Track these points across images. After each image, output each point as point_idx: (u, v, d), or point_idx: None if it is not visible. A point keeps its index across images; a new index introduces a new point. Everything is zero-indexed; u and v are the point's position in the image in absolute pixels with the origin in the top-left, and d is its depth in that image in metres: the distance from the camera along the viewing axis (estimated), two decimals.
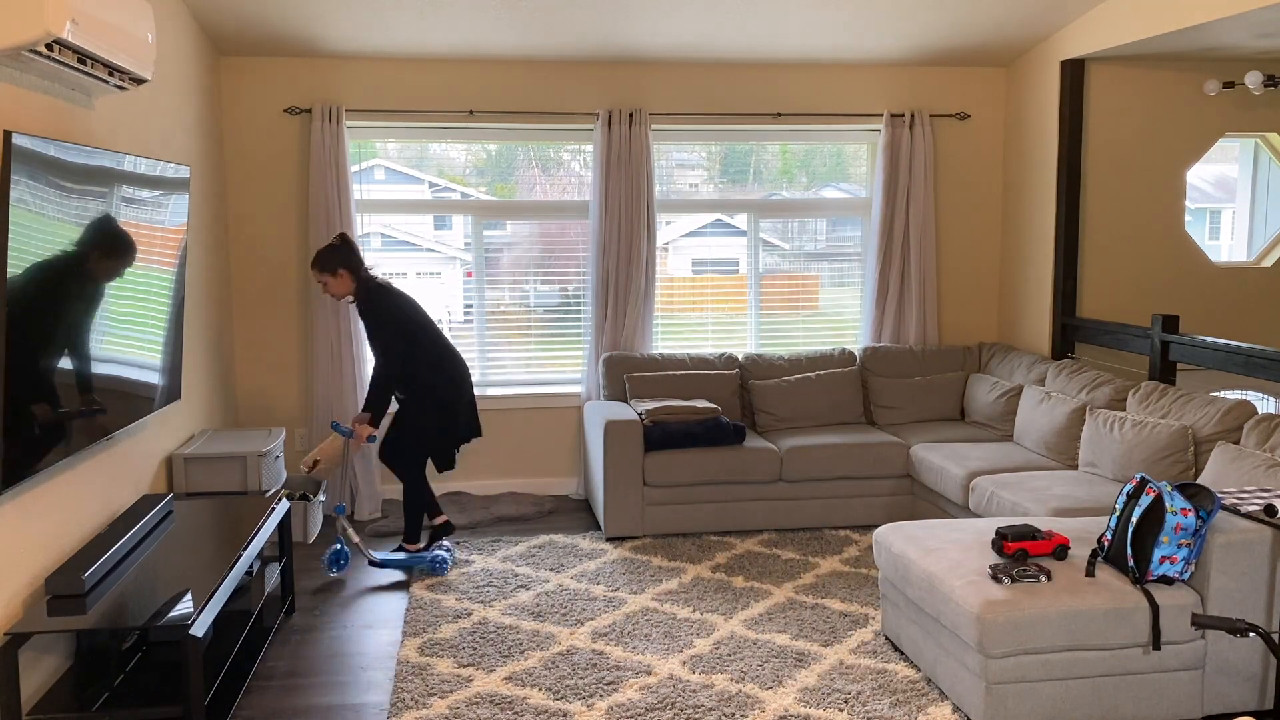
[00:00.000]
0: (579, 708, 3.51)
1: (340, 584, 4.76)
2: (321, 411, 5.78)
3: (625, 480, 5.27)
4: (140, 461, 4.26)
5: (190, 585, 3.32)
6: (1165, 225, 5.95)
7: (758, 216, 6.37)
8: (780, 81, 6.13)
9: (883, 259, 6.23)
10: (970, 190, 6.42)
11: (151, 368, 4.08)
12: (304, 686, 3.72)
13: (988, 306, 6.54)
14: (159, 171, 4.07)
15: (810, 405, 5.86)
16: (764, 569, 4.86)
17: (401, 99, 5.81)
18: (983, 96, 6.35)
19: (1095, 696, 3.28)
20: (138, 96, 4.30)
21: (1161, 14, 4.87)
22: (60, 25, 2.95)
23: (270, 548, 4.76)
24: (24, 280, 3.01)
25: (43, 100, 3.39)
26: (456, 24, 5.31)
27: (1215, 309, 6.04)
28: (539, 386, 6.23)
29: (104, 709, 3.12)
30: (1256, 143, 6.43)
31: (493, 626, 4.21)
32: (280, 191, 5.81)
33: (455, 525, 5.34)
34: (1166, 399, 4.64)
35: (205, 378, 5.24)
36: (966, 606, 3.24)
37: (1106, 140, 5.82)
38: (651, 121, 6.00)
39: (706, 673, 3.77)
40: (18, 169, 2.94)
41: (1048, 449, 5.13)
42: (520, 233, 6.20)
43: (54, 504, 3.45)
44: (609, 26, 5.42)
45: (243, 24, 5.23)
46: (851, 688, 3.63)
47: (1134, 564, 3.31)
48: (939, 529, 3.86)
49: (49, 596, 3.23)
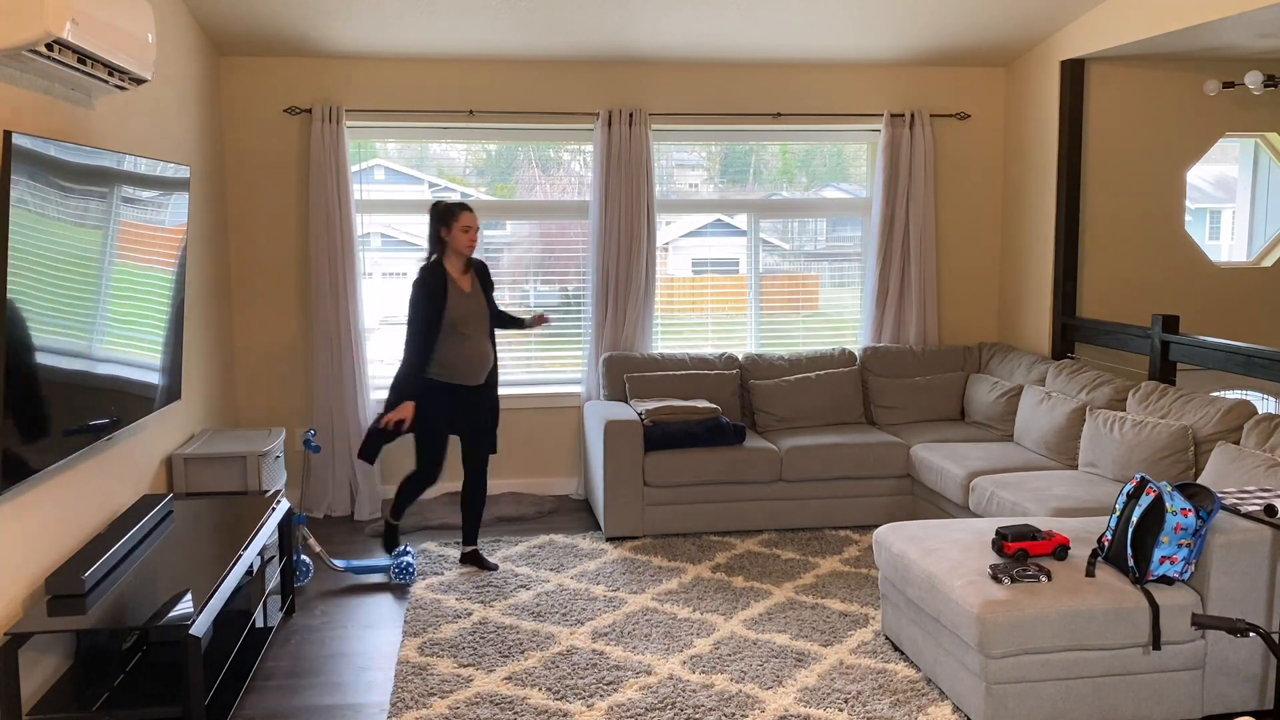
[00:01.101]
0: (579, 708, 3.51)
1: (340, 584, 4.76)
2: (322, 411, 5.78)
3: (625, 480, 5.27)
4: (140, 461, 4.26)
5: (190, 585, 3.32)
6: (1165, 225, 5.95)
7: (758, 216, 6.37)
8: (780, 81, 6.13)
9: (883, 259, 6.23)
10: (970, 190, 6.42)
11: (151, 368, 4.08)
12: (304, 686, 3.72)
13: (988, 306, 6.54)
14: (159, 171, 4.07)
15: (810, 405, 5.86)
16: (764, 569, 4.86)
17: (401, 99, 5.81)
18: (983, 96, 6.34)
19: (1095, 696, 3.28)
20: (138, 96, 4.30)
21: (1161, 14, 4.87)
22: (60, 25, 2.95)
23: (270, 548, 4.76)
24: (24, 280, 3.01)
25: (43, 100, 3.39)
26: (456, 24, 5.31)
27: (1215, 309, 6.04)
28: (539, 386, 6.23)
29: (104, 709, 3.12)
30: (1256, 143, 6.43)
31: (493, 626, 4.21)
32: (280, 191, 5.81)
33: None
34: (1166, 399, 4.64)
35: (205, 378, 5.24)
36: (966, 606, 3.24)
37: (1106, 140, 5.82)
38: (651, 121, 6.00)
39: (706, 673, 3.77)
40: (18, 169, 2.94)
41: (1048, 449, 5.13)
42: (520, 233, 6.20)
43: (54, 504, 3.45)
44: (609, 26, 5.42)
45: (243, 24, 5.23)
46: (851, 688, 3.63)
47: (1134, 564, 3.31)
48: (939, 529, 3.86)
49: (49, 596, 3.23)
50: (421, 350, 4.56)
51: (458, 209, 4.61)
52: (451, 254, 4.64)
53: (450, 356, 4.62)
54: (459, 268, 4.66)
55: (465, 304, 4.62)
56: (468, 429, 4.77)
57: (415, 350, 4.56)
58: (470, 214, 4.63)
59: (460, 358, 4.63)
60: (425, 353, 4.57)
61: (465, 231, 4.60)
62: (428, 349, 4.57)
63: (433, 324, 4.55)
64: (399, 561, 4.71)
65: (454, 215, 4.60)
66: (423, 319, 4.54)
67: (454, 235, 4.60)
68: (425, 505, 5.88)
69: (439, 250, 4.65)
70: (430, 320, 4.54)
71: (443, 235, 4.62)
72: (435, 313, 4.55)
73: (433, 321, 4.55)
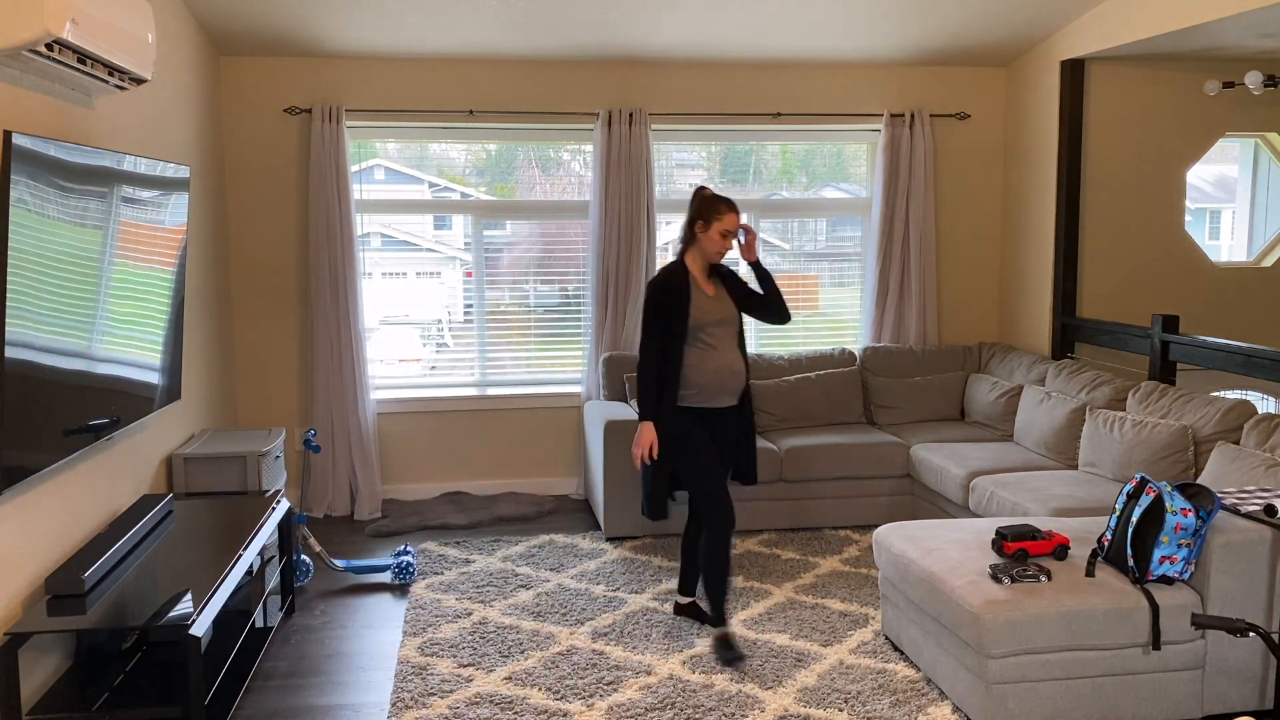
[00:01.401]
0: (579, 708, 3.51)
1: (340, 584, 4.76)
2: (322, 411, 5.78)
3: (625, 480, 5.27)
4: (140, 461, 4.26)
5: (190, 585, 3.32)
6: (1165, 225, 5.95)
7: (758, 216, 6.37)
8: (780, 81, 6.13)
9: (883, 259, 6.23)
10: (970, 190, 6.42)
11: (151, 368, 4.08)
12: (304, 686, 3.72)
13: (988, 306, 6.54)
14: (159, 171, 4.07)
15: (810, 405, 5.85)
16: (764, 569, 4.86)
17: (401, 99, 5.81)
18: (983, 96, 6.35)
19: (1095, 696, 3.28)
20: (138, 96, 4.30)
21: (1161, 14, 4.87)
22: (60, 25, 2.95)
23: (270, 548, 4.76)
24: (24, 280, 3.01)
25: (43, 100, 3.39)
26: (456, 24, 5.31)
27: (1215, 309, 6.04)
28: (539, 386, 6.23)
29: (104, 709, 3.12)
30: (1256, 143, 6.43)
31: (493, 626, 4.21)
32: (280, 191, 5.81)
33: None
34: (1166, 399, 4.64)
35: (205, 378, 5.24)
36: (966, 606, 3.24)
37: (1106, 140, 5.82)
38: (651, 121, 6.00)
39: (706, 673, 3.77)
40: (18, 169, 2.94)
41: (1048, 449, 5.13)
42: (520, 233, 6.20)
43: (54, 504, 3.45)
44: (609, 26, 5.42)
45: (243, 24, 5.23)
46: (851, 688, 3.63)
47: (1134, 564, 3.31)
48: (939, 529, 3.86)
49: (49, 596, 3.23)
50: (656, 363, 3.87)
51: (723, 205, 3.89)
52: (697, 252, 3.96)
53: (695, 374, 3.89)
54: (702, 269, 3.98)
55: (709, 308, 3.92)
56: (727, 460, 4.10)
57: (650, 364, 3.87)
58: (735, 215, 3.90)
59: (707, 373, 3.90)
60: (660, 365, 3.87)
61: (723, 236, 3.89)
62: (664, 361, 3.87)
63: (672, 331, 3.86)
64: (399, 561, 4.72)
65: (716, 211, 3.88)
66: (659, 324, 3.87)
67: (709, 234, 3.89)
68: (425, 505, 5.88)
69: (686, 242, 3.98)
70: (667, 327, 3.86)
71: (697, 229, 3.92)
72: (679, 318, 3.86)
73: (673, 329, 3.86)
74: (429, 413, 6.06)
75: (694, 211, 3.92)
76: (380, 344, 6.17)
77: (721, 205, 3.88)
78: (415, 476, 6.09)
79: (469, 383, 6.21)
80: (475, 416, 6.11)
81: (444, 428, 6.07)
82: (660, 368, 3.87)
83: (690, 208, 3.95)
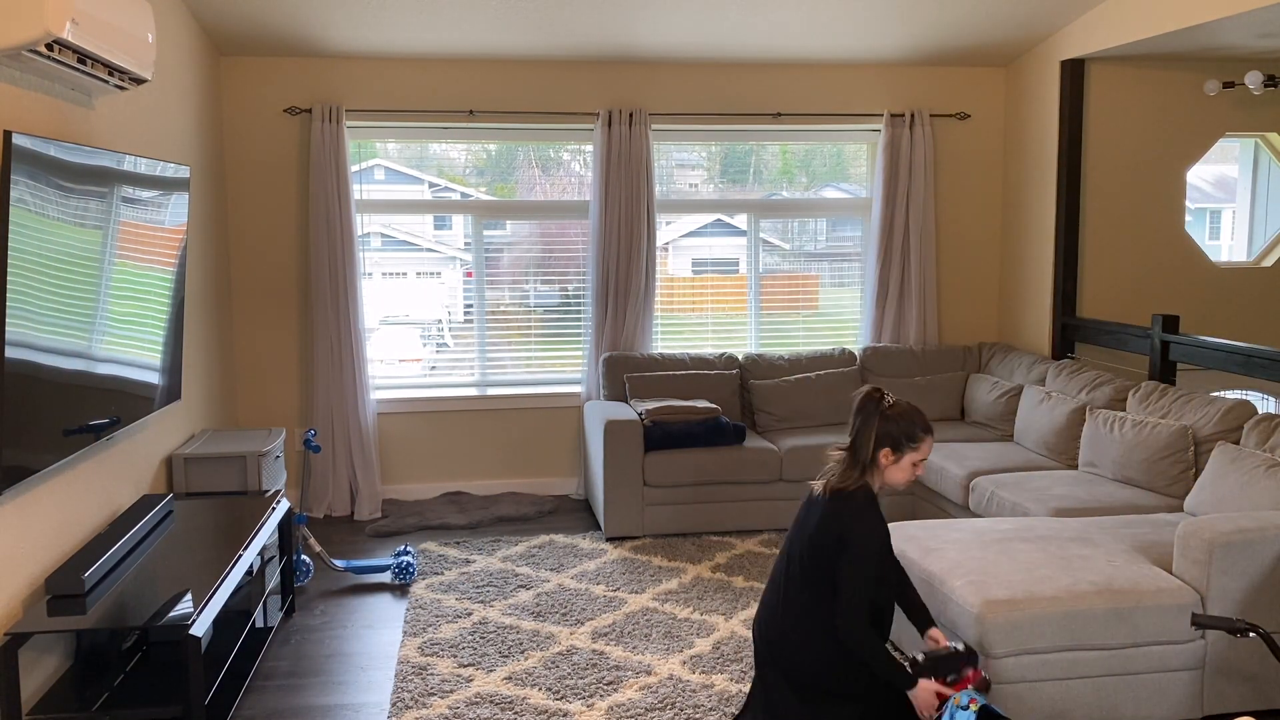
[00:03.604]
0: (579, 708, 3.51)
1: (340, 584, 4.76)
2: (322, 411, 5.78)
3: (625, 480, 5.27)
4: (140, 461, 4.26)
5: (190, 585, 3.32)
6: (1165, 225, 5.95)
7: (758, 216, 6.37)
8: (780, 81, 6.13)
9: (883, 259, 6.23)
10: (970, 190, 6.42)
11: (151, 368, 4.08)
12: (304, 686, 3.72)
13: (988, 306, 6.54)
14: (159, 171, 4.07)
15: (810, 405, 5.85)
16: (764, 569, 4.86)
17: (401, 99, 5.81)
18: (983, 96, 6.34)
19: (1095, 696, 3.28)
20: (138, 96, 4.30)
21: (1161, 14, 4.87)
22: (60, 25, 2.95)
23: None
24: (24, 280, 3.01)
25: (43, 100, 3.39)
26: (457, 24, 5.31)
27: (1215, 309, 6.04)
28: (539, 386, 6.23)
29: (104, 709, 3.12)
30: (1256, 143, 6.43)
31: (493, 626, 4.21)
32: (280, 191, 5.81)
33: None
34: (1166, 399, 4.64)
35: (205, 378, 5.24)
36: (967, 606, 3.24)
37: (1106, 140, 5.82)
38: (651, 121, 6.00)
39: (706, 673, 3.77)
40: (18, 169, 2.94)
41: (1048, 449, 5.13)
42: (520, 233, 6.20)
43: (54, 504, 3.45)
44: (609, 26, 5.42)
45: (243, 24, 5.23)
46: None
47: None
48: (939, 529, 3.86)
49: (49, 596, 3.23)
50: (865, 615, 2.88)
51: (922, 432, 2.96)
52: (876, 479, 3.00)
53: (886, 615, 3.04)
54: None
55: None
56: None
57: (867, 623, 2.88)
58: (930, 442, 3.00)
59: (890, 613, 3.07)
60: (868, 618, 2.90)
61: (915, 465, 2.99)
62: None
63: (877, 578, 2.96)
64: (399, 561, 4.72)
65: (916, 439, 2.95)
66: (875, 570, 2.94)
67: (901, 463, 2.96)
68: (425, 505, 5.88)
69: (865, 465, 2.97)
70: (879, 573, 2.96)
71: (881, 458, 2.95)
72: (890, 560, 3.07)
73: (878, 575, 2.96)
74: (429, 413, 6.06)
75: (881, 431, 2.94)
76: (380, 344, 6.17)
77: (920, 430, 2.96)
78: (415, 476, 6.09)
79: (469, 383, 6.21)
80: (475, 416, 6.11)
81: (444, 428, 6.08)
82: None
83: (874, 423, 2.95)
